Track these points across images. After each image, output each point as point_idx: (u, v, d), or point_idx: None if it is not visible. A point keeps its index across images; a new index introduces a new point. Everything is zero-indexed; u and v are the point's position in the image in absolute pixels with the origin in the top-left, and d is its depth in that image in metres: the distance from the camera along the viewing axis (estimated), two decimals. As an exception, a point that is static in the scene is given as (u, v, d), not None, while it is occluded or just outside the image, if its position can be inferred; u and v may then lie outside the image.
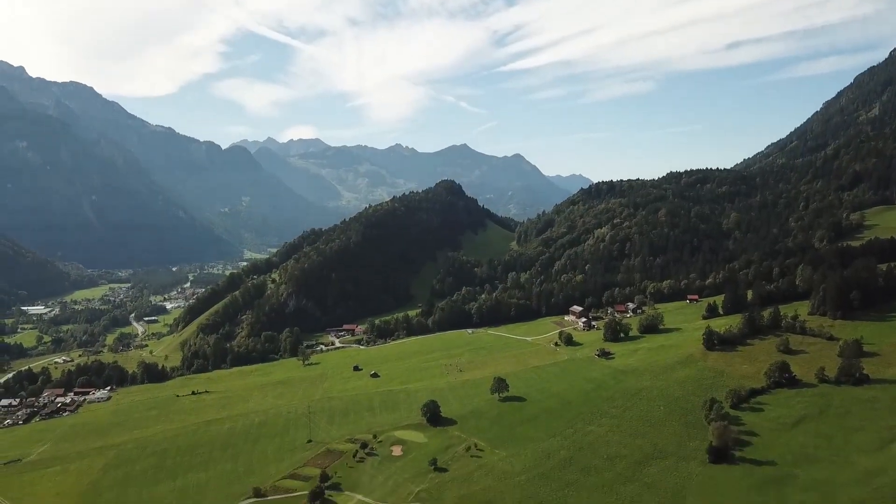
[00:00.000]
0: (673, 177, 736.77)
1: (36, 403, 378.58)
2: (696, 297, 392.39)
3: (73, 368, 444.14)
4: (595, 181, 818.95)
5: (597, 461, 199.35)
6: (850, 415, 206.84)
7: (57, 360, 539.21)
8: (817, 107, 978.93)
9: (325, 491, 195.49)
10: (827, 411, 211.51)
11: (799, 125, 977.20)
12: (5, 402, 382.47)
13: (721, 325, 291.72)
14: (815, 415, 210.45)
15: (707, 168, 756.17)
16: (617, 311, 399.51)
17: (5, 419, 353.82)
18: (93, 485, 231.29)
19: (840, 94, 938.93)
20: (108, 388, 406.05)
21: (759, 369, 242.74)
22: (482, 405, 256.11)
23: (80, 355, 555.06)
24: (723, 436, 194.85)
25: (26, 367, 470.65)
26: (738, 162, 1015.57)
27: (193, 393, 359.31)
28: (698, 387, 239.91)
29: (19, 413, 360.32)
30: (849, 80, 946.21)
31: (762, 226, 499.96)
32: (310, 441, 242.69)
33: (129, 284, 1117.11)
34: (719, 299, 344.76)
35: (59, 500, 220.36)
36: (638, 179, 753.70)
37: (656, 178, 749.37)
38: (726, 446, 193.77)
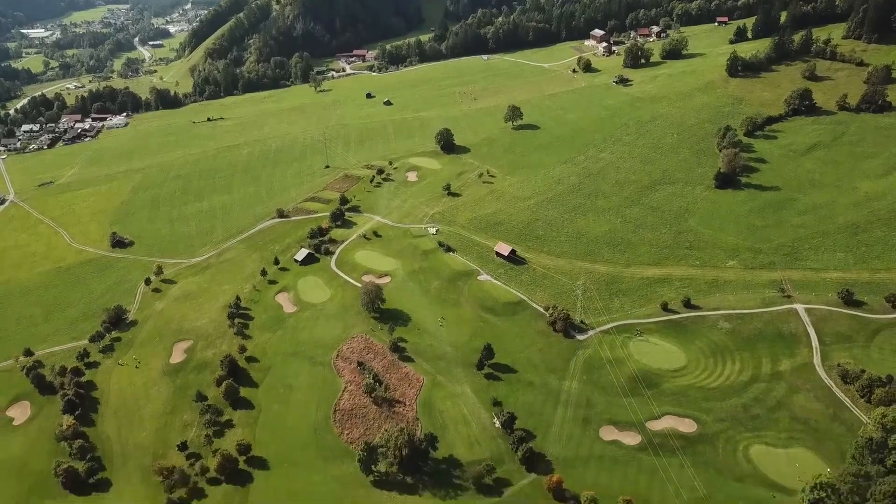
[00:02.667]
0: None
1: (56, 129, 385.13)
2: (725, 19, 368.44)
3: (86, 95, 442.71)
4: None
5: (605, 186, 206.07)
6: (863, 142, 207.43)
7: (68, 85, 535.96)
8: None
9: (345, 213, 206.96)
10: (840, 139, 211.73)
11: None
12: (27, 127, 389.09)
13: (748, 49, 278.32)
14: (827, 142, 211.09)
15: None
16: (640, 36, 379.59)
17: (30, 144, 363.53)
18: (125, 205, 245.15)
19: None
20: (125, 114, 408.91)
21: (779, 96, 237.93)
22: (495, 133, 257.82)
23: (90, 81, 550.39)
24: (732, 162, 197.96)
25: (39, 94, 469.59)
26: None
27: (209, 119, 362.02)
28: (715, 114, 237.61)
29: (42, 138, 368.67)
30: None
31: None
32: (327, 167, 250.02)
33: (127, 6, 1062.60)
34: (750, 21, 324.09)
35: (97, 219, 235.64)
36: None
37: None
38: (734, 172, 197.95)
